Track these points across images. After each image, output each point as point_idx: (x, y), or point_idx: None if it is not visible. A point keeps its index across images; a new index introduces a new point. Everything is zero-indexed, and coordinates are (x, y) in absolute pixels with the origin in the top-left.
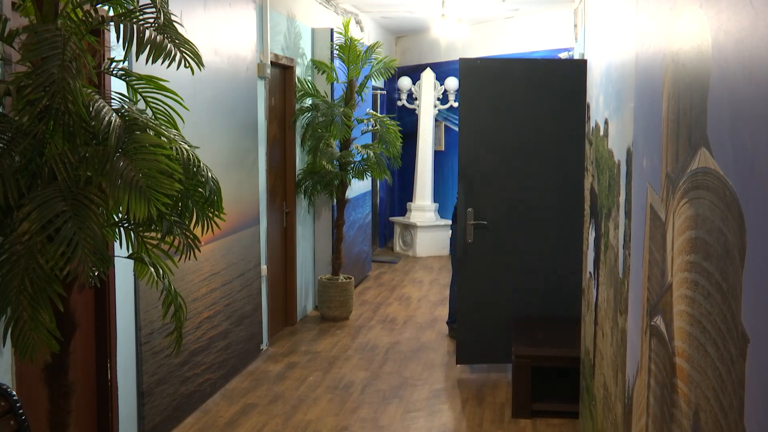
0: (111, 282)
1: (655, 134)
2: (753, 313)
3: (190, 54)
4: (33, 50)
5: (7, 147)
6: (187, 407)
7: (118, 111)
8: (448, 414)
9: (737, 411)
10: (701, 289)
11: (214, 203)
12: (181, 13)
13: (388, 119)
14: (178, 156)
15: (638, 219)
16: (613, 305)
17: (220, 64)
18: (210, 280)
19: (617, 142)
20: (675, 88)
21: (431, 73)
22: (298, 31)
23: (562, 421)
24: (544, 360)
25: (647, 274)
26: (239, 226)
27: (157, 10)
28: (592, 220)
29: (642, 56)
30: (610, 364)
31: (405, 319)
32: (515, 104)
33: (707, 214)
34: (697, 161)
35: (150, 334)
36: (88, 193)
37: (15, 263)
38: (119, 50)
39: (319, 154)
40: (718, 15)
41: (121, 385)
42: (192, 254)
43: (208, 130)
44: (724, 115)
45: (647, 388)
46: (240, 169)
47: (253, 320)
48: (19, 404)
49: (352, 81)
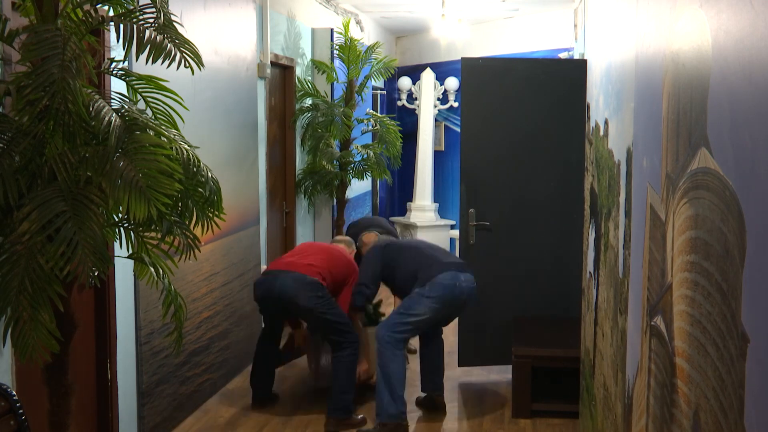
0: (111, 282)
1: (655, 134)
2: (753, 313)
3: (190, 54)
4: (33, 50)
5: (7, 147)
6: (187, 407)
7: (118, 111)
8: (448, 414)
9: (737, 411)
10: (701, 289)
11: (214, 203)
12: (181, 13)
13: (388, 119)
14: (178, 156)
15: (638, 219)
16: (613, 305)
17: (220, 64)
18: (210, 280)
19: (617, 142)
20: (675, 88)
21: (431, 73)
22: (298, 31)
23: (562, 421)
24: (544, 360)
25: (647, 274)
26: (239, 226)
27: (157, 10)
28: (592, 220)
29: (642, 56)
30: (610, 364)
31: None
32: (517, 104)
33: (707, 214)
34: (697, 161)
35: (150, 334)
36: (88, 193)
37: (15, 263)
38: (119, 50)
39: (319, 154)
40: (718, 15)
41: (121, 385)
42: (192, 254)
43: (208, 130)
44: (724, 115)
45: (647, 388)
46: (240, 169)
47: (253, 320)
48: (19, 404)
49: (352, 81)
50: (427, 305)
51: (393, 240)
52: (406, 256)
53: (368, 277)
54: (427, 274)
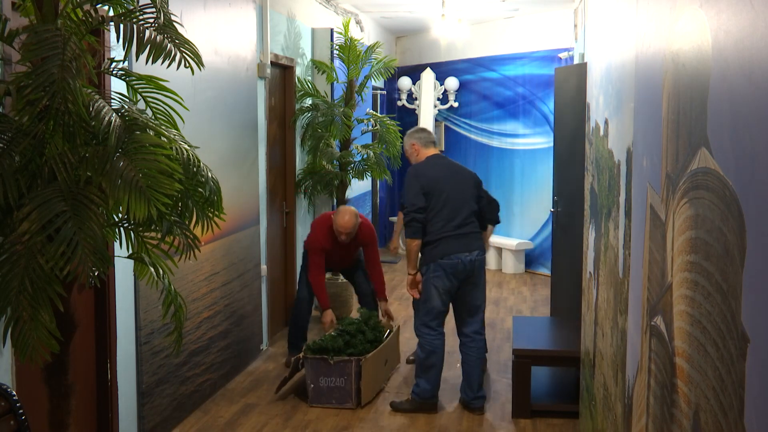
0: (111, 282)
1: (655, 134)
2: (753, 313)
3: (190, 54)
4: (33, 50)
5: (7, 147)
6: (187, 407)
7: (118, 111)
8: (448, 413)
9: (737, 411)
10: (701, 289)
11: (214, 203)
12: (181, 13)
13: (388, 119)
14: (178, 156)
15: (638, 219)
16: (613, 305)
17: (220, 64)
18: (210, 280)
19: (617, 142)
20: (675, 88)
21: (431, 73)
22: (298, 31)
23: (562, 421)
24: (544, 360)
25: (647, 274)
26: (239, 226)
27: (157, 10)
28: (592, 220)
29: (642, 56)
30: (610, 364)
31: (405, 319)
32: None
33: (707, 214)
34: (697, 161)
35: (150, 334)
36: (88, 193)
37: (15, 263)
38: (119, 50)
39: (319, 154)
40: (718, 15)
41: (121, 385)
42: (192, 254)
43: (208, 130)
44: (724, 115)
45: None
46: (240, 169)
47: (253, 320)
48: (19, 404)
49: (352, 81)
50: (433, 287)
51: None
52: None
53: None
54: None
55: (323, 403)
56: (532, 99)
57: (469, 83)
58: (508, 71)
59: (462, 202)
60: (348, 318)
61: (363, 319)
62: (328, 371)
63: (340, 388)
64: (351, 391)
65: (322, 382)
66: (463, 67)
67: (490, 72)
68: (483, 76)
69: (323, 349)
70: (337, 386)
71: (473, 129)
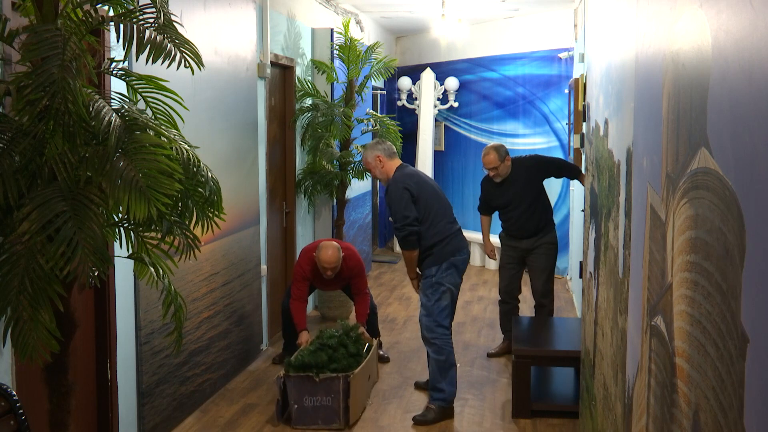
0: (111, 282)
1: (655, 134)
2: (753, 313)
3: (190, 54)
4: (33, 50)
5: (7, 147)
6: (187, 407)
7: (118, 111)
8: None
9: (737, 411)
10: (701, 289)
11: (214, 203)
12: (181, 13)
13: (388, 119)
14: (178, 156)
15: (638, 219)
16: (613, 305)
17: (220, 64)
18: (210, 280)
19: (617, 142)
20: (675, 88)
21: (431, 73)
22: (298, 31)
23: (562, 421)
24: (544, 360)
25: (647, 274)
26: (239, 226)
27: (157, 10)
28: (592, 220)
29: (642, 56)
30: (610, 364)
31: (405, 319)
32: None
33: (707, 214)
34: (697, 161)
35: (150, 334)
36: (88, 193)
37: (15, 263)
38: (119, 50)
39: (319, 154)
40: (718, 15)
41: (121, 385)
42: (192, 254)
43: (208, 130)
44: (724, 115)
45: (647, 388)
46: (240, 169)
47: (253, 320)
48: (19, 404)
49: (352, 81)
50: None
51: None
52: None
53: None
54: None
55: (308, 424)
56: (532, 99)
57: (469, 83)
58: (508, 71)
59: (446, 201)
60: (328, 330)
61: (344, 330)
62: (313, 389)
63: (326, 407)
64: (338, 409)
65: (307, 401)
66: (463, 67)
67: (490, 72)
68: (483, 76)
69: (306, 365)
70: (324, 405)
71: (473, 129)
